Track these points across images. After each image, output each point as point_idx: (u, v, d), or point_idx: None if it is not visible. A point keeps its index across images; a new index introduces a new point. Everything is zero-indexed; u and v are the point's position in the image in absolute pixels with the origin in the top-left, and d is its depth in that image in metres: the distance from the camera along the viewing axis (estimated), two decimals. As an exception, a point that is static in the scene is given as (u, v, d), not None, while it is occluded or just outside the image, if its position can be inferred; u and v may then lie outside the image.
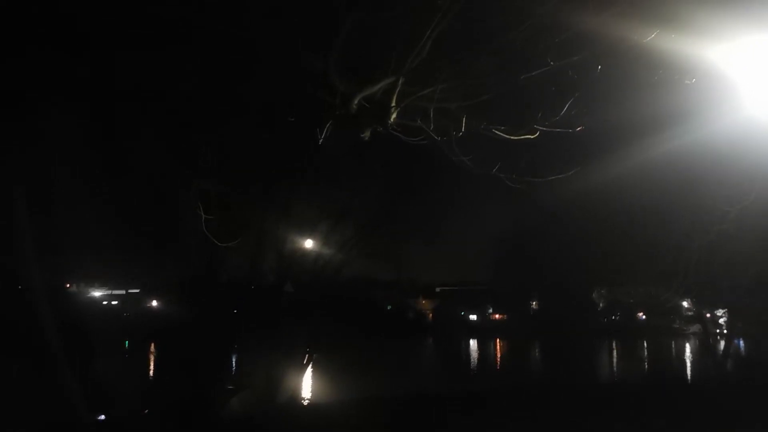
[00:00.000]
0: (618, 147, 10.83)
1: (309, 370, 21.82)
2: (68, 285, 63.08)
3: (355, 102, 5.23)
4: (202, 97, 12.04)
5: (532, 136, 5.44)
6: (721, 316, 30.77)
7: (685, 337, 59.58)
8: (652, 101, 7.22)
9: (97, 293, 66.43)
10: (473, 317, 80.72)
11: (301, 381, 20.54)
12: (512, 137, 5.43)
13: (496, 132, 5.43)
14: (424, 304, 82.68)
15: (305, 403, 21.11)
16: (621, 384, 29.66)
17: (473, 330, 71.16)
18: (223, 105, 10.79)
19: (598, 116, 6.05)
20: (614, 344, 58.35)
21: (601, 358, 49.16)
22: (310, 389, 24.19)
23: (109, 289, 66.41)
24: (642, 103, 7.39)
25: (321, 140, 5.31)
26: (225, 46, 7.07)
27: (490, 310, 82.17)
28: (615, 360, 49.54)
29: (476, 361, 50.16)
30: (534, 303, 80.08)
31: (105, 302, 66.34)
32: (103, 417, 18.88)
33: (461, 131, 5.30)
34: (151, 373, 35.32)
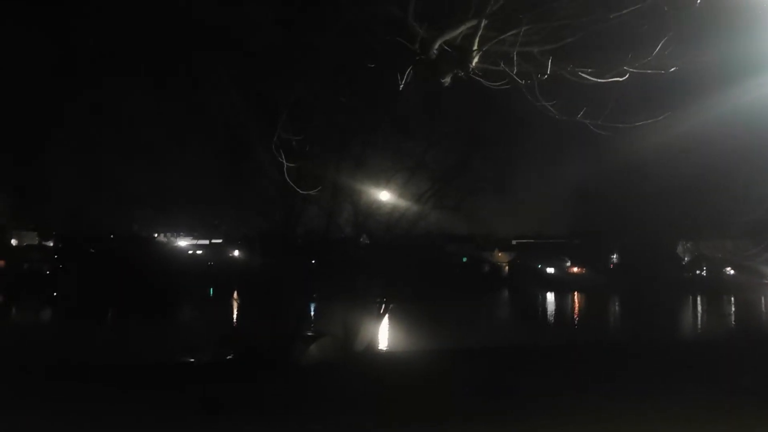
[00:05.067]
0: (710, 91, 10.20)
1: (385, 320, 22.20)
2: (156, 235, 66.49)
3: (435, 47, 5.11)
4: (280, 49, 12.15)
5: (620, 79, 5.16)
6: (817, 272, 29.07)
7: (776, 294, 56.97)
8: (750, 41, 6.72)
9: (182, 243, 69.61)
10: (550, 270, 79.65)
11: (378, 330, 20.94)
12: (600, 80, 5.17)
13: (583, 75, 5.18)
14: (500, 257, 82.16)
15: (381, 351, 21.55)
16: (706, 341, 28.72)
17: (550, 283, 70.20)
18: (301, 57, 10.82)
19: (693, 57, 5.67)
20: (700, 300, 56.41)
21: (685, 314, 47.64)
22: (386, 338, 24.66)
23: (194, 239, 69.39)
24: (739, 43, 6.89)
25: (402, 86, 5.22)
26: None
27: (568, 264, 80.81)
28: (700, 316, 47.90)
29: (553, 315, 49.61)
30: (614, 256, 78.16)
31: (190, 251, 69.39)
32: (191, 360, 19.98)
33: (546, 74, 5.08)
34: (234, 319, 36.81)
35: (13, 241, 68.42)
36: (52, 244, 68.00)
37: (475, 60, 5.10)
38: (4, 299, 49.90)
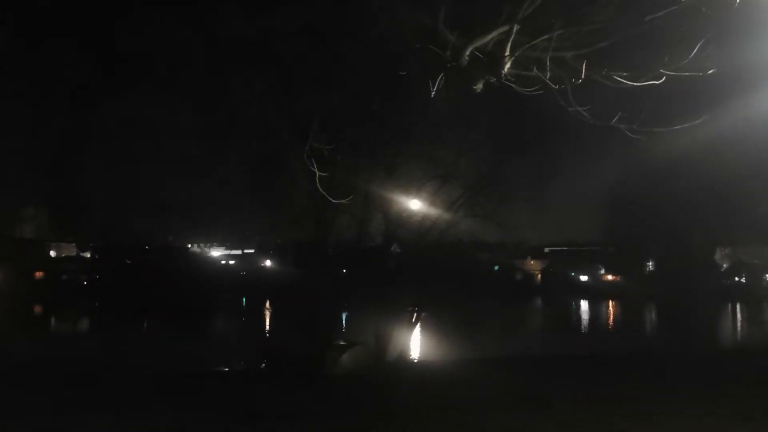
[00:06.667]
0: (750, 93, 9.94)
1: (417, 329, 22.09)
2: (190, 245, 67.43)
3: (467, 54, 5.07)
4: (312, 60, 12.23)
5: (657, 82, 5.04)
6: None
7: (820, 302, 55.34)
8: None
9: (215, 253, 70.47)
10: (584, 278, 78.60)
11: (410, 339, 20.84)
12: (635, 84, 5.06)
13: (618, 79, 5.08)
14: (533, 265, 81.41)
15: (414, 360, 21.44)
16: (748, 350, 27.96)
17: (584, 291, 69.21)
18: (333, 67, 10.87)
19: (733, 57, 5.53)
20: (740, 308, 54.99)
21: (725, 323, 46.48)
22: (418, 348, 24.53)
23: (227, 249, 70.18)
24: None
25: (433, 92, 5.19)
26: (332, 5, 7.05)
27: (602, 271, 79.69)
28: (739, 325, 46.68)
29: (587, 323, 48.86)
30: (650, 264, 76.84)
31: (223, 261, 70.17)
32: (225, 369, 20.14)
33: (579, 79, 5.00)
34: (266, 329, 37.01)
35: (52, 253, 70.09)
36: (89, 256, 69.53)
37: (507, 66, 5.05)
38: (43, 309, 51.09)
